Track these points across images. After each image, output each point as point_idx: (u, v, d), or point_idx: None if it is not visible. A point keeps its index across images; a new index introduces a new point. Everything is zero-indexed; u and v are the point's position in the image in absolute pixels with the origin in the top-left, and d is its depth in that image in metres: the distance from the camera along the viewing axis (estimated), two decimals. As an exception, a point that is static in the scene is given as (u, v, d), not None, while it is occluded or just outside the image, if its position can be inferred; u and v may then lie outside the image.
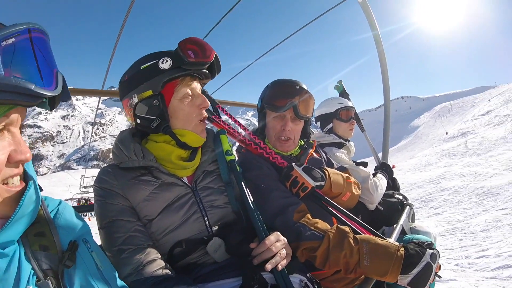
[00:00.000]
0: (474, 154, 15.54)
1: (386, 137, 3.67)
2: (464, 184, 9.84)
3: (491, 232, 5.53)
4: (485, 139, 18.14)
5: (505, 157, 12.13)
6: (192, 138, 1.53)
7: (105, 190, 1.42)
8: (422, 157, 20.34)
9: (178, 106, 1.49)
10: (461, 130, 26.30)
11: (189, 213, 1.46)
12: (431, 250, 1.41)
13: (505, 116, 23.26)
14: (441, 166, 15.19)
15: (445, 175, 12.19)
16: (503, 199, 7.29)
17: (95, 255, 1.04)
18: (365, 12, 3.14)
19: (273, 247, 1.31)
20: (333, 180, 1.80)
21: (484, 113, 29.48)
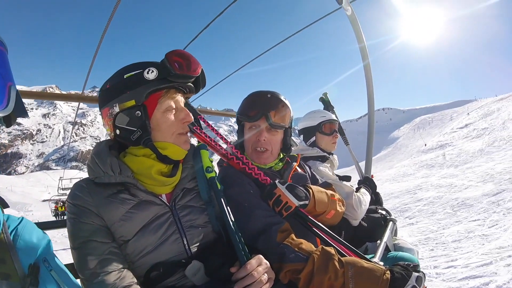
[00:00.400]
0: (451, 165, 15.77)
1: (370, 150, 3.65)
2: (439, 195, 9.99)
3: (462, 243, 5.62)
4: (463, 151, 18.52)
5: (481, 169, 12.33)
6: (173, 150, 1.46)
7: (79, 208, 1.32)
8: (401, 168, 20.50)
9: (160, 118, 1.42)
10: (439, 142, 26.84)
11: (167, 234, 1.38)
12: (417, 273, 1.37)
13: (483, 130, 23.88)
14: (419, 177, 15.35)
15: (421, 186, 12.33)
16: (476, 211, 7.44)
17: (55, 274, 0.97)
18: (353, 24, 3.13)
19: (254, 272, 1.24)
20: (318, 198, 1.74)
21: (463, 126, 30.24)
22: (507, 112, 26.62)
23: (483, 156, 15.65)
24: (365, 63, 3.46)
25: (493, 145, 17.38)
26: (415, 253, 2.45)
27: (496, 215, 6.75)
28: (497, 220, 6.40)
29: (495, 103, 37.07)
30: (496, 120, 25.55)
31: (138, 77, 1.36)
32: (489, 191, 8.80)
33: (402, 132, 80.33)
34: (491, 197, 8.23)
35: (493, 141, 18.21)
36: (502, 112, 28.13)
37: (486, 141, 18.91)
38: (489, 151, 16.24)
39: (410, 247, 2.49)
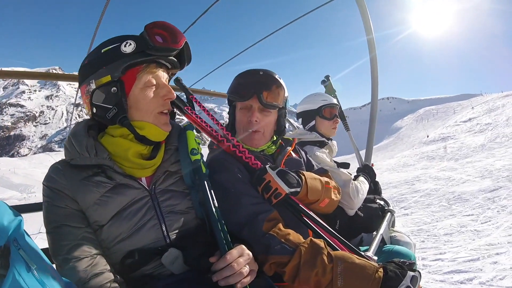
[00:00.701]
0: (452, 159, 15.78)
1: (371, 138, 3.58)
2: (436, 188, 10.05)
3: (453, 237, 5.68)
4: (465, 145, 18.51)
5: (481, 165, 12.34)
6: (152, 131, 1.36)
7: (53, 191, 1.27)
8: (401, 158, 20.47)
9: (139, 95, 1.32)
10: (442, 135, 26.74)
11: (144, 219, 1.30)
12: (412, 273, 1.26)
13: (487, 125, 23.75)
14: (419, 168, 15.39)
15: (420, 177, 12.38)
16: (471, 205, 7.48)
17: (23, 252, 0.89)
18: (362, 15, 3.00)
19: (235, 263, 1.17)
20: (310, 186, 1.62)
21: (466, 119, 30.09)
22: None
23: (484, 151, 15.65)
24: (372, 55, 3.38)
25: (495, 141, 17.33)
26: (412, 247, 2.36)
27: (490, 211, 6.79)
28: (490, 217, 6.44)
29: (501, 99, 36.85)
30: (500, 116, 25.39)
31: (115, 51, 1.28)
32: (486, 187, 8.84)
33: (405, 123, 79.97)
34: (488, 193, 8.27)
35: (495, 137, 18.14)
36: (506, 109, 27.98)
37: (489, 137, 18.84)
38: (490, 146, 16.23)
39: (407, 241, 2.40)
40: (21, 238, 0.93)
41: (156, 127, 1.36)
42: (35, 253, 0.94)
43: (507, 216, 6.31)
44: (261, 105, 1.72)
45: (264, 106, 1.73)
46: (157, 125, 1.36)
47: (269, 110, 1.77)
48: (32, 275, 0.84)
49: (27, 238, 0.96)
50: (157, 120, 1.36)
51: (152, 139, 1.37)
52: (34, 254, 0.93)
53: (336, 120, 2.91)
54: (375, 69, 3.44)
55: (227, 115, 1.94)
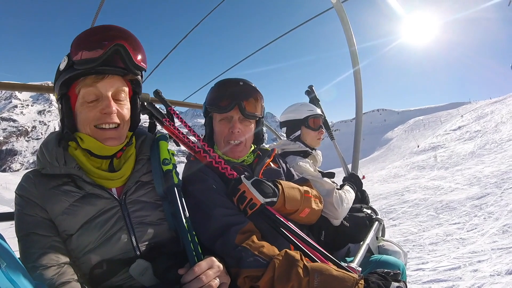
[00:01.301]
0: (442, 167, 15.75)
1: (357, 147, 3.54)
2: (425, 197, 10.03)
3: (439, 246, 5.68)
4: (454, 153, 18.54)
5: (470, 172, 12.35)
6: (92, 144, 1.32)
7: (23, 199, 1.27)
8: (392, 169, 20.39)
9: (78, 109, 1.31)
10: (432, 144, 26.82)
11: (113, 230, 1.28)
12: (397, 283, 1.20)
13: (476, 132, 23.89)
14: (409, 178, 15.32)
15: (409, 188, 12.33)
16: (458, 214, 7.48)
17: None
18: (340, 16, 2.99)
19: (203, 276, 1.13)
20: (288, 195, 1.57)
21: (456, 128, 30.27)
22: (500, 115, 26.72)
23: (473, 158, 15.68)
24: (356, 67, 3.39)
25: (484, 147, 17.42)
26: (401, 256, 2.29)
27: (477, 219, 6.80)
28: (477, 224, 6.44)
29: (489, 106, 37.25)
30: (489, 122, 25.64)
31: (57, 68, 1.31)
32: (474, 195, 8.86)
33: (396, 133, 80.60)
34: (475, 200, 8.28)
35: (484, 144, 18.25)
36: (495, 115, 28.26)
37: (478, 144, 18.96)
38: (480, 153, 16.28)
39: (396, 250, 2.32)
40: None
41: (95, 141, 1.30)
42: (6, 252, 0.96)
43: (493, 222, 6.31)
44: (242, 115, 1.68)
45: (246, 117, 1.70)
46: (97, 138, 1.30)
47: (250, 120, 1.74)
48: (1, 272, 0.85)
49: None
50: (96, 134, 1.30)
51: (97, 153, 1.33)
52: (5, 253, 0.94)
53: (321, 131, 2.87)
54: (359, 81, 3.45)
55: None
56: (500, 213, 6.77)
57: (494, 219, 6.48)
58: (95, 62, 1.22)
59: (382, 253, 2.26)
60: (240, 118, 1.71)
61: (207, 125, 1.84)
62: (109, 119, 1.29)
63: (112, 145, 1.33)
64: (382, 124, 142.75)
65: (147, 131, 1.69)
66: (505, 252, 4.84)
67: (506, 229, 5.83)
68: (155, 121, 1.85)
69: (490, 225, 6.19)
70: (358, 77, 3.41)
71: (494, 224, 6.20)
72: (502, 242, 5.25)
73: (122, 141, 1.38)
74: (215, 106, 1.73)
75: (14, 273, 0.89)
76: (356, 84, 3.44)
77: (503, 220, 6.34)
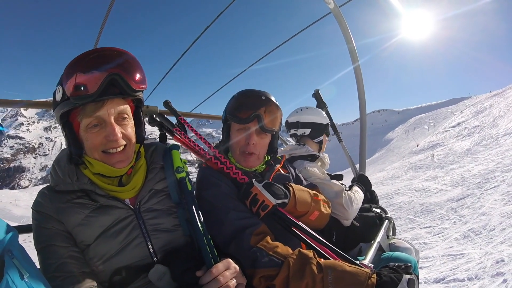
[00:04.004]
0: (438, 167, 15.48)
1: (363, 148, 3.55)
2: (410, 200, 9.96)
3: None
4: (452, 151, 18.24)
5: (460, 172, 12.18)
6: (102, 169, 1.32)
7: (40, 214, 1.29)
8: (391, 170, 20.09)
9: (84, 136, 1.29)
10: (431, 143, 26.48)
11: (129, 238, 1.30)
12: (408, 276, 1.21)
13: (474, 128, 23.60)
14: (405, 179, 15.07)
15: (400, 190, 12.12)
16: (433, 217, 7.47)
17: (17, 261, 0.94)
18: (338, 20, 3.01)
19: (221, 277, 1.15)
20: (298, 197, 1.60)
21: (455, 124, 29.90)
22: (498, 109, 26.47)
23: (469, 155, 15.45)
24: (355, 64, 3.38)
25: (480, 144, 17.18)
26: (412, 252, 2.28)
27: (448, 222, 6.78)
28: (445, 228, 6.43)
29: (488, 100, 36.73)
30: (487, 117, 25.37)
31: (53, 97, 1.29)
32: (455, 196, 8.83)
33: (396, 134, 79.88)
34: (454, 202, 8.25)
35: (481, 140, 18.02)
36: (494, 109, 27.94)
37: (475, 140, 18.71)
38: (476, 150, 16.03)
39: (407, 246, 2.32)
40: (15, 249, 0.98)
41: (105, 165, 1.30)
42: (28, 263, 0.98)
43: (461, 226, 6.29)
44: (259, 128, 1.70)
45: (263, 131, 1.72)
46: (106, 163, 1.30)
47: (266, 133, 1.76)
48: (24, 283, 0.88)
49: (21, 249, 1.01)
50: (105, 159, 1.29)
51: (109, 175, 1.34)
52: (27, 264, 0.97)
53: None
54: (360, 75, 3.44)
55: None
56: (471, 217, 6.74)
57: (463, 223, 6.47)
58: (90, 98, 1.19)
59: (393, 250, 2.26)
60: (257, 130, 1.72)
61: (224, 131, 1.85)
62: (115, 144, 1.28)
63: (122, 167, 1.33)
64: (383, 124, 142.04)
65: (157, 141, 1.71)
66: (451, 259, 4.87)
67: (468, 234, 5.82)
68: (165, 132, 1.87)
69: (456, 229, 6.19)
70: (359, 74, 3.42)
71: (461, 228, 6.19)
72: (457, 248, 5.28)
73: (130, 160, 1.37)
74: (235, 116, 1.73)
75: (36, 283, 0.91)
76: (358, 82, 3.46)
77: (470, 224, 6.32)
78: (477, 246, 5.26)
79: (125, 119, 1.33)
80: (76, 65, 1.20)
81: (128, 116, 1.35)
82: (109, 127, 1.26)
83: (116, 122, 1.28)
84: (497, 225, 5.97)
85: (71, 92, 1.18)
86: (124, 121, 1.32)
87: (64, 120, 1.27)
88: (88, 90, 1.17)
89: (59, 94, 1.23)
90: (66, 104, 1.22)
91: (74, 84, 1.17)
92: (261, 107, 1.70)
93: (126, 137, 1.32)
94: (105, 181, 1.34)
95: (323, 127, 2.84)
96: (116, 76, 1.21)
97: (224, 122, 1.86)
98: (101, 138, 1.26)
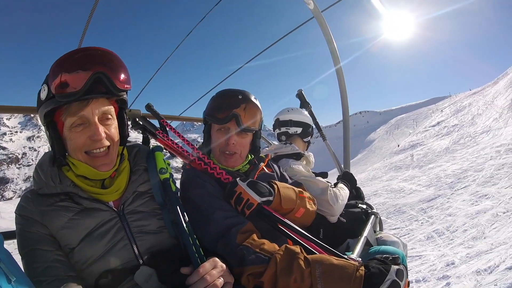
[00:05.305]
0: (417, 166, 15.64)
1: (347, 146, 3.59)
2: (385, 202, 10.03)
3: None
4: (431, 150, 18.44)
5: (435, 171, 12.32)
6: (86, 171, 1.30)
7: (24, 218, 1.27)
8: (372, 171, 20.15)
9: (67, 136, 1.27)
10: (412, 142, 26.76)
11: (114, 240, 1.28)
12: (397, 266, 1.20)
13: (453, 126, 23.95)
14: (384, 180, 15.12)
15: (377, 191, 12.17)
16: (403, 218, 7.56)
17: (4, 265, 0.92)
18: (318, 20, 3.02)
19: (207, 276, 1.14)
20: (283, 194, 1.58)
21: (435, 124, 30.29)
22: (477, 107, 27.01)
23: (447, 154, 15.66)
24: (337, 66, 3.39)
25: (458, 142, 17.45)
26: (400, 245, 2.28)
27: (416, 223, 6.87)
28: (412, 229, 6.54)
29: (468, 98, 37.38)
30: (466, 115, 25.82)
31: (38, 96, 1.27)
32: (427, 197, 8.98)
33: (378, 134, 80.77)
34: (425, 203, 8.39)
35: (459, 138, 18.32)
36: (472, 107, 28.47)
37: (454, 139, 18.99)
38: (453, 149, 16.27)
39: (394, 240, 2.32)
40: (1, 253, 0.97)
41: (89, 167, 1.28)
42: (15, 267, 0.98)
43: (427, 227, 6.39)
44: (238, 128, 1.68)
45: (242, 130, 1.69)
46: (90, 165, 1.28)
47: (247, 133, 1.73)
48: (11, 287, 0.87)
49: (7, 253, 1.00)
50: (88, 161, 1.27)
51: (92, 178, 1.32)
52: (14, 268, 0.96)
53: None
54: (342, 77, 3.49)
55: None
56: (438, 217, 6.85)
57: (429, 224, 6.57)
58: (75, 96, 1.17)
59: (381, 244, 2.25)
60: (236, 131, 1.70)
61: (205, 133, 1.83)
62: (99, 144, 1.26)
63: (106, 171, 1.31)
64: (365, 126, 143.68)
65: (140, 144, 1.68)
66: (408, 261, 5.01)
67: (432, 235, 5.92)
68: (148, 135, 1.84)
69: (422, 230, 6.28)
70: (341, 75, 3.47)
71: (426, 229, 6.29)
72: (418, 250, 5.39)
73: (114, 163, 1.35)
74: (213, 117, 1.71)
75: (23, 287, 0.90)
76: (340, 82, 3.49)
77: (436, 225, 6.43)
78: (437, 248, 5.35)
79: (109, 120, 1.32)
80: (62, 64, 1.19)
81: (112, 116, 1.34)
82: (93, 126, 1.24)
83: (100, 122, 1.26)
84: (460, 226, 6.10)
85: (56, 90, 1.16)
86: (108, 122, 1.31)
87: (48, 120, 1.25)
88: (74, 88, 1.17)
89: (44, 92, 1.21)
90: (51, 102, 1.20)
91: (60, 82, 1.16)
92: (238, 106, 1.67)
93: (109, 138, 1.30)
94: (88, 183, 1.32)
95: (311, 129, 2.94)
96: (101, 74, 1.20)
97: (204, 124, 1.84)
98: (84, 138, 1.24)
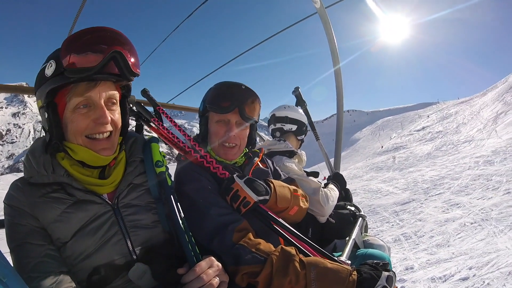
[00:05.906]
0: (397, 169, 15.88)
1: (338, 147, 3.62)
2: (361, 201, 10.13)
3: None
4: (413, 154, 18.82)
5: (414, 176, 12.50)
6: (86, 156, 1.22)
7: (13, 208, 1.20)
8: (353, 170, 20.38)
9: (69, 118, 1.19)
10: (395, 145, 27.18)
11: (108, 235, 1.22)
12: (387, 273, 1.22)
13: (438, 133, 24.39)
14: (364, 179, 15.34)
15: (355, 190, 12.25)
16: (376, 219, 7.65)
17: None
18: (323, 20, 2.99)
19: (204, 275, 1.11)
20: (279, 193, 1.57)
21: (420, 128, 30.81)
22: (463, 116, 27.51)
23: (428, 160, 15.97)
24: (336, 67, 3.41)
25: (441, 149, 17.78)
26: (385, 250, 2.35)
27: (387, 225, 6.99)
28: (382, 230, 6.65)
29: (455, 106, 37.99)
30: (451, 123, 26.29)
31: (41, 74, 1.17)
32: (401, 200, 9.13)
33: (363, 134, 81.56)
34: (398, 206, 8.52)
35: (442, 145, 18.65)
36: (458, 116, 28.99)
37: (436, 145, 19.34)
38: (435, 155, 16.59)
39: (380, 244, 2.38)
40: None
41: (89, 151, 1.21)
42: (6, 266, 0.91)
43: (397, 230, 6.51)
44: (241, 119, 1.65)
45: (245, 120, 1.67)
46: (91, 149, 1.21)
47: (246, 124, 1.71)
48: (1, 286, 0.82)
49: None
50: (90, 144, 1.21)
51: (91, 164, 1.25)
52: (4, 267, 0.90)
53: None
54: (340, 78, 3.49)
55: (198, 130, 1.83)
56: (408, 221, 6.98)
57: (399, 227, 6.70)
58: (90, 71, 1.11)
59: (368, 247, 2.30)
60: (237, 122, 1.67)
61: (202, 125, 1.78)
62: (103, 128, 1.21)
63: (107, 155, 1.25)
64: (351, 124, 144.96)
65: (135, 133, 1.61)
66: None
67: (400, 238, 6.04)
68: (141, 122, 1.77)
69: (391, 232, 6.39)
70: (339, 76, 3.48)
71: (396, 232, 6.40)
72: None
73: (115, 149, 1.29)
74: (216, 105, 1.66)
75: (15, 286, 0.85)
76: (337, 83, 3.50)
77: (405, 228, 6.56)
78: (401, 251, 5.45)
79: (114, 105, 1.27)
80: (77, 37, 1.13)
81: (117, 102, 1.29)
82: (99, 109, 1.19)
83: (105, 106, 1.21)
84: (428, 232, 6.21)
85: (69, 64, 1.08)
86: (112, 106, 1.26)
87: (49, 100, 1.17)
88: (89, 64, 1.10)
89: (51, 68, 1.12)
90: (59, 79, 1.12)
91: (75, 56, 1.09)
92: (243, 97, 1.66)
93: (113, 123, 1.25)
94: (84, 173, 1.25)
95: (306, 128, 2.97)
96: (119, 54, 1.16)
97: (202, 115, 1.79)
98: (88, 121, 1.18)
